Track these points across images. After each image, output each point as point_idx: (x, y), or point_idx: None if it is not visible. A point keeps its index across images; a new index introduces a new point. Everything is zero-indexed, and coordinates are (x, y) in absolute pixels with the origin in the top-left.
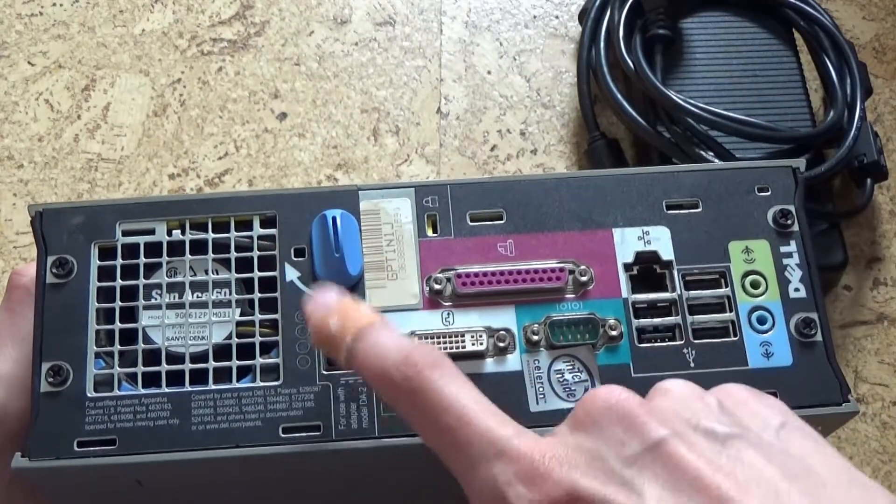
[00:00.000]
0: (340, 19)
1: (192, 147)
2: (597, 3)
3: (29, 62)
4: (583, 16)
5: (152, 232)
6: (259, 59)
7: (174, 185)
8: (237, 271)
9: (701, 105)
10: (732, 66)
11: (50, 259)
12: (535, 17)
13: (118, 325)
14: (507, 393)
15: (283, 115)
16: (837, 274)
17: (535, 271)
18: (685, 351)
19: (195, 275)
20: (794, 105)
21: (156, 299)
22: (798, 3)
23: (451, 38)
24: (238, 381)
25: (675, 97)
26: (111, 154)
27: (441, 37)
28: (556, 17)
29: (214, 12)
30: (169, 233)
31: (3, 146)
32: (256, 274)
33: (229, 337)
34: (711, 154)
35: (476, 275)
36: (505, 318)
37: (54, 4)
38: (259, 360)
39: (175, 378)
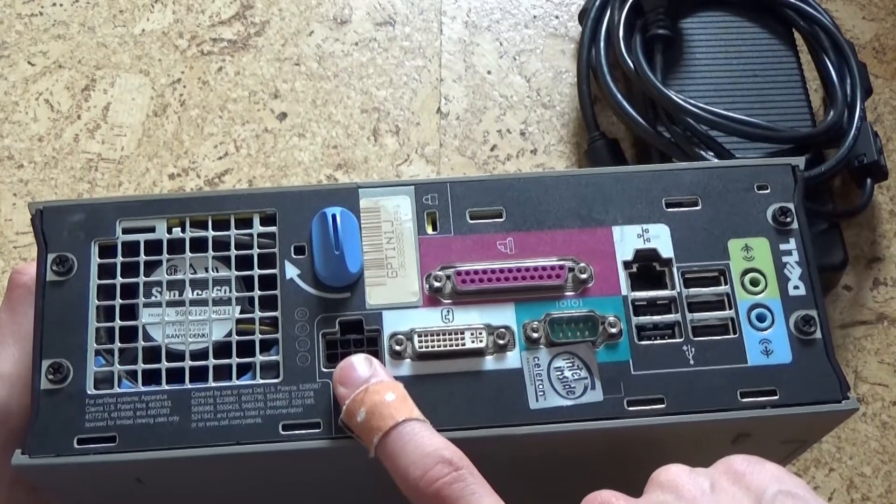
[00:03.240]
0: (340, 19)
1: (192, 147)
2: (597, 3)
3: (29, 62)
4: (583, 16)
5: (152, 230)
6: (259, 59)
7: (174, 185)
8: (237, 269)
9: (701, 105)
10: (732, 66)
11: (50, 257)
12: (535, 17)
13: (118, 322)
14: (506, 390)
15: (283, 115)
16: (837, 274)
17: (535, 269)
18: (685, 348)
19: (195, 272)
20: (794, 105)
21: (156, 297)
22: (798, 3)
23: (451, 38)
24: (238, 378)
25: (675, 97)
26: (111, 154)
27: (441, 37)
28: (556, 17)
29: (214, 12)
30: (169, 230)
31: (3, 146)
32: (256, 272)
33: (229, 334)
34: (711, 154)
35: (476, 272)
36: (505, 315)
37: (54, 4)
38: (259, 358)
39: (175, 375)
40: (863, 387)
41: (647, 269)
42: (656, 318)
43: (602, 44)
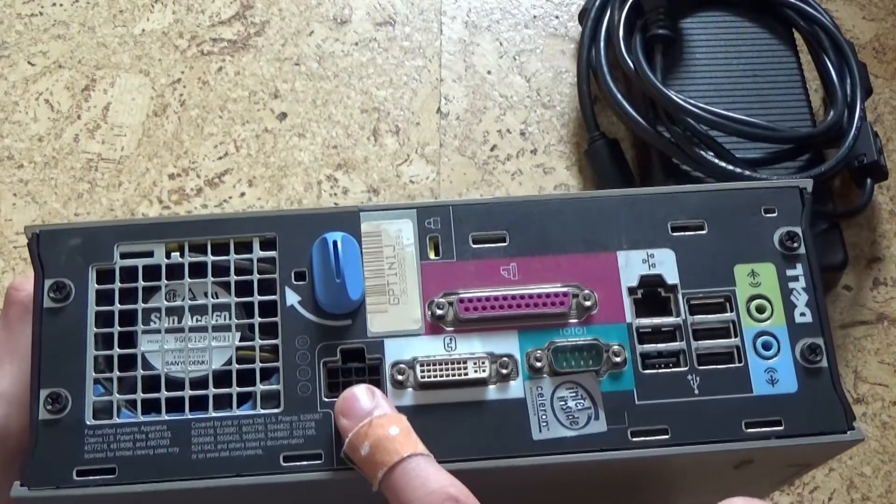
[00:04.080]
0: (340, 19)
1: (192, 147)
2: (597, 3)
3: (29, 62)
4: (583, 16)
5: (151, 254)
6: (259, 59)
7: (174, 184)
8: (237, 295)
9: (701, 105)
10: (732, 66)
11: (47, 282)
12: (535, 17)
13: (117, 350)
14: (510, 421)
15: (283, 115)
16: (837, 274)
17: (539, 296)
18: (689, 377)
19: (195, 298)
20: (794, 105)
21: (155, 324)
22: (798, 3)
23: (451, 38)
24: (238, 407)
25: (675, 97)
26: (111, 154)
27: (441, 37)
28: (556, 17)
29: (214, 12)
30: (168, 255)
31: (3, 146)
32: (256, 298)
33: (229, 362)
34: (711, 154)
35: (479, 299)
36: (508, 343)
37: (54, 4)
38: (259, 387)
39: (175, 405)
40: (863, 387)
41: (652, 294)
42: (661, 346)
43: (602, 44)
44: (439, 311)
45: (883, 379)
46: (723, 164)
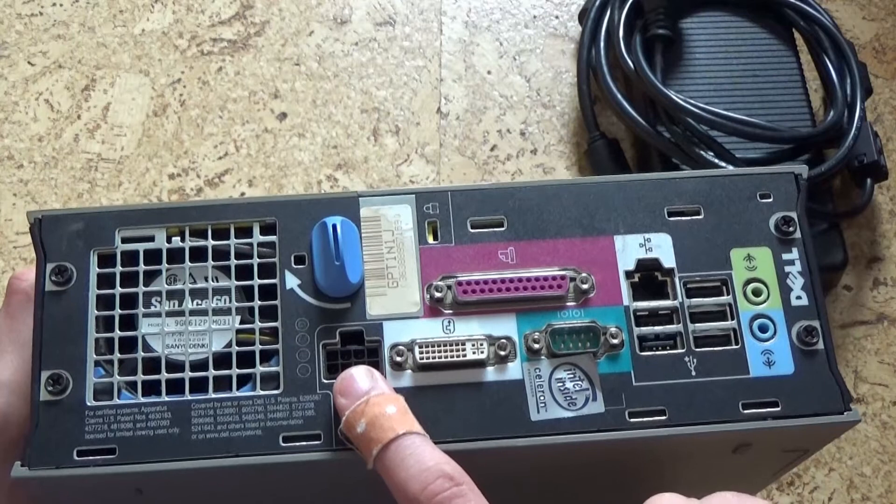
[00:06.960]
0: (340, 19)
1: (192, 147)
2: (597, 3)
3: (29, 62)
4: (583, 16)
5: (152, 239)
6: (259, 59)
7: (174, 184)
8: (237, 279)
9: (701, 105)
10: (732, 66)
11: (49, 266)
12: (535, 17)
13: (118, 332)
14: (507, 402)
15: (283, 115)
16: (837, 274)
17: (537, 279)
18: (686, 359)
19: (195, 282)
20: (794, 105)
21: (155, 307)
22: (798, 3)
23: (451, 38)
24: (238, 389)
25: (675, 97)
26: (111, 154)
27: (441, 37)
28: (556, 17)
29: (214, 12)
30: (168, 240)
31: (3, 146)
32: (256, 281)
33: (229, 345)
34: (711, 154)
35: (477, 282)
36: (506, 326)
37: (54, 4)
38: (259, 369)
39: (175, 386)
40: (863, 387)
41: (648, 278)
42: (658, 328)
43: (602, 44)
44: (438, 294)
45: (883, 379)
46: (723, 164)
